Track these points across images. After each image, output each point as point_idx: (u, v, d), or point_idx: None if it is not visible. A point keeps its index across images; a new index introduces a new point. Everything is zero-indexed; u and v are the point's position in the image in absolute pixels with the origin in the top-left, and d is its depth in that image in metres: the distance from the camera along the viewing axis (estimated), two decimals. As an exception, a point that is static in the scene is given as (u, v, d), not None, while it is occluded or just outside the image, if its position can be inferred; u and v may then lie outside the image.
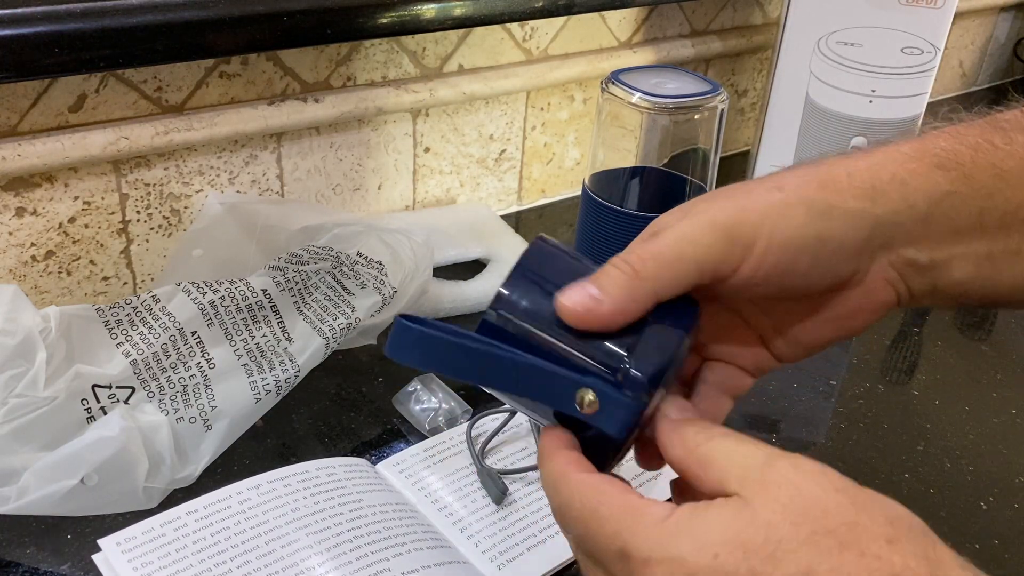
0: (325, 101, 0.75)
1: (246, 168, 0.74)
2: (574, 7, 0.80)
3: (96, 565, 0.49)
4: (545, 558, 0.52)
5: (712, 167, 0.72)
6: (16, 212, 0.65)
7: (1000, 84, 1.46)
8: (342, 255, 0.66)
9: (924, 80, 0.85)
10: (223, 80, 0.70)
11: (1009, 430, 0.67)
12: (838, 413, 0.67)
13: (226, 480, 0.54)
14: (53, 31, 0.57)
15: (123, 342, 0.57)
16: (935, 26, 0.83)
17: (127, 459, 0.52)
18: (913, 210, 0.36)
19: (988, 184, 0.36)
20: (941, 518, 0.58)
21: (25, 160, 0.62)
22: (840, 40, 0.85)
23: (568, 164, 0.96)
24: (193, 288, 0.59)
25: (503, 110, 0.88)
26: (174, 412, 0.56)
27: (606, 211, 0.70)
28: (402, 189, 0.85)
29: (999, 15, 1.37)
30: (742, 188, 0.37)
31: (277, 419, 0.61)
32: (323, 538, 0.50)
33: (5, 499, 0.50)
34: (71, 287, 0.69)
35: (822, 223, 0.35)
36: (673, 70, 0.73)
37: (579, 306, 0.34)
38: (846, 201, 0.35)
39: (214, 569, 0.48)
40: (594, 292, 0.34)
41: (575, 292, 0.34)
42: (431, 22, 0.72)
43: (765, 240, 0.34)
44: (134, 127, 0.66)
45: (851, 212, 0.35)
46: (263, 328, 0.61)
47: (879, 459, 0.63)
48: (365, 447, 0.61)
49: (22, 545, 0.52)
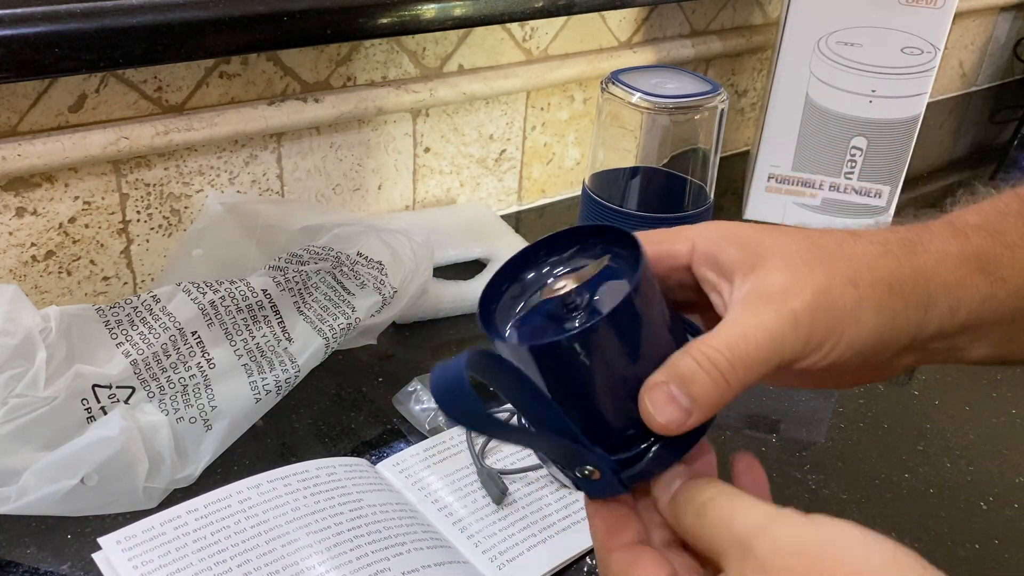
0: (325, 101, 0.75)
1: (246, 168, 0.74)
2: (574, 7, 0.80)
3: (96, 565, 0.49)
4: (545, 558, 0.52)
5: (712, 167, 0.72)
6: (16, 212, 0.65)
7: (1000, 84, 1.46)
8: (342, 255, 0.66)
9: (924, 80, 0.85)
10: (223, 80, 0.70)
11: (1009, 430, 0.67)
12: (838, 413, 0.67)
13: (226, 480, 0.54)
14: (53, 31, 0.57)
15: (123, 342, 0.57)
16: (935, 26, 0.83)
17: (127, 459, 0.52)
18: (955, 317, 0.37)
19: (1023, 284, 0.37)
20: (941, 518, 0.58)
21: (25, 160, 0.62)
22: (840, 40, 0.85)
23: (568, 164, 0.96)
24: (193, 288, 0.59)
25: (503, 110, 0.88)
26: (174, 412, 0.56)
27: (606, 211, 0.70)
28: (402, 189, 0.85)
29: (999, 15, 1.37)
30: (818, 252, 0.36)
31: (277, 419, 0.61)
32: (323, 538, 0.50)
33: (5, 499, 0.50)
34: (71, 287, 0.69)
35: (886, 331, 0.36)
36: (673, 70, 0.73)
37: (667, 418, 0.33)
38: (907, 309, 0.36)
39: (214, 568, 0.48)
40: (684, 403, 0.33)
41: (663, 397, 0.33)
42: (431, 22, 0.72)
43: (835, 342, 0.35)
44: (134, 127, 0.66)
45: (909, 321, 0.36)
46: (263, 328, 0.61)
47: (879, 459, 0.63)
48: (365, 447, 0.61)
49: (22, 545, 0.52)
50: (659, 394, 0.33)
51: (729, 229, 0.37)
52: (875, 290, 0.35)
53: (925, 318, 0.36)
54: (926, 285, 0.36)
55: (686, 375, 0.33)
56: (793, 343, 0.34)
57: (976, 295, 0.37)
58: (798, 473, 0.61)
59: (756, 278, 0.35)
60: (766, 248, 0.36)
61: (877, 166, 0.89)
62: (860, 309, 0.35)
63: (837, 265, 0.35)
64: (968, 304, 0.37)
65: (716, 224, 0.38)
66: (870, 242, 0.37)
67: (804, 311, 0.34)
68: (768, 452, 0.63)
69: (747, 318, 0.34)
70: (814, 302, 0.34)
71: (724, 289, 0.36)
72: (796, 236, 0.36)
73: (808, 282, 0.35)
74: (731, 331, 0.34)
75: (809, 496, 0.59)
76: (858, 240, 0.37)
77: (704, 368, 0.33)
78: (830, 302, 0.34)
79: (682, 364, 0.33)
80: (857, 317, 0.35)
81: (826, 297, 0.35)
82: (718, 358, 0.33)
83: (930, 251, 0.37)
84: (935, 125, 1.28)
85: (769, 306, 0.34)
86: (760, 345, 0.33)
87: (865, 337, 0.35)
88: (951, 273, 0.37)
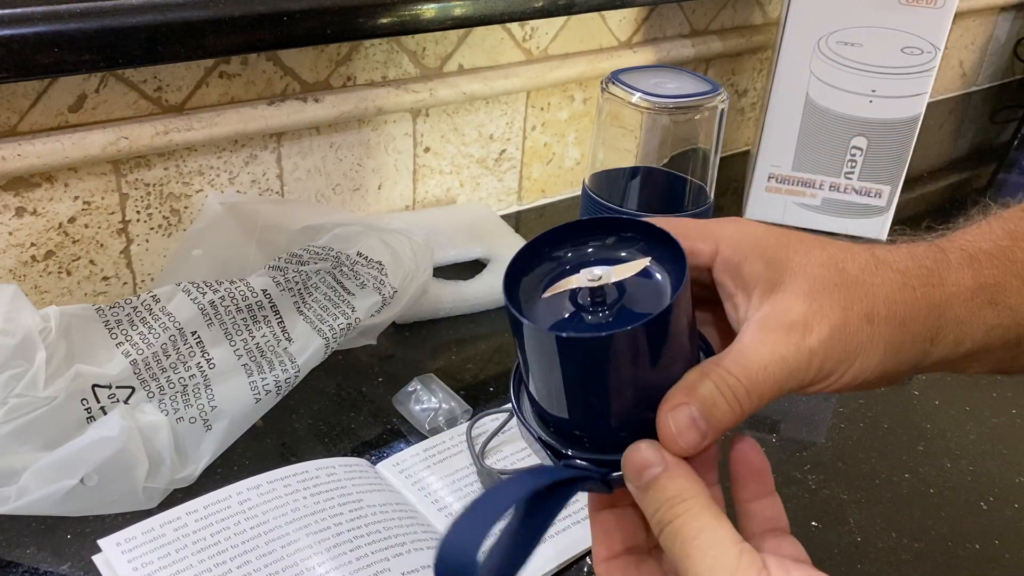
0: (325, 101, 0.75)
1: (246, 168, 0.74)
2: (574, 7, 0.80)
3: (96, 566, 0.49)
4: (546, 557, 0.52)
5: (712, 167, 0.72)
6: (16, 212, 0.65)
7: (1000, 84, 1.46)
8: (342, 255, 0.66)
9: (924, 80, 0.85)
10: (223, 80, 0.70)
11: (1009, 430, 0.67)
12: (838, 413, 0.67)
13: (226, 480, 0.54)
14: (53, 31, 0.57)
15: (123, 342, 0.57)
16: (935, 26, 0.83)
17: (127, 459, 0.52)
18: (959, 347, 0.37)
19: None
20: (941, 518, 0.58)
21: (25, 160, 0.62)
22: (840, 40, 0.85)
23: (568, 164, 0.96)
24: (193, 288, 0.59)
25: (503, 110, 0.88)
26: (174, 412, 0.56)
27: (606, 211, 0.69)
28: (402, 189, 0.85)
29: (999, 15, 1.37)
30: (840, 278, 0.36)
31: (277, 419, 0.61)
32: (323, 538, 0.50)
33: (5, 499, 0.50)
34: (71, 287, 0.69)
35: (891, 362, 0.36)
36: (673, 70, 0.73)
37: (687, 442, 0.33)
38: (915, 342, 0.37)
39: (214, 569, 0.48)
40: (703, 427, 0.33)
41: (686, 420, 0.33)
42: (431, 22, 0.72)
43: (841, 374, 0.36)
44: (134, 127, 0.66)
45: (914, 353, 0.37)
46: (263, 328, 0.61)
47: (879, 459, 0.63)
48: (365, 447, 0.61)
49: (22, 545, 0.52)
50: (682, 417, 0.33)
51: (756, 237, 0.37)
52: (888, 327, 0.36)
53: (930, 349, 0.37)
54: (937, 320, 0.37)
55: (707, 400, 0.33)
56: (803, 377, 0.35)
57: (983, 326, 0.37)
58: (798, 473, 0.61)
59: (776, 302, 0.35)
60: (790, 267, 0.36)
61: (877, 166, 0.89)
62: (871, 344, 0.36)
63: (856, 295, 0.36)
64: (974, 336, 0.37)
65: (744, 227, 0.37)
66: (891, 269, 0.37)
67: (819, 348, 0.35)
68: (768, 452, 0.62)
69: (766, 347, 0.34)
70: (830, 338, 0.35)
71: (741, 302, 0.36)
72: (820, 256, 0.36)
73: (827, 315, 0.35)
74: (750, 359, 0.34)
75: (809, 496, 0.59)
76: (879, 267, 0.37)
77: (724, 395, 0.33)
78: (845, 338, 0.35)
79: (703, 388, 0.34)
80: (867, 353, 0.36)
81: (841, 332, 0.35)
82: (738, 387, 0.34)
83: (947, 283, 0.37)
84: (935, 125, 1.28)
85: (789, 338, 0.34)
86: (777, 379, 0.34)
87: (871, 370, 0.36)
88: (963, 307, 0.37)
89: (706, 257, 0.37)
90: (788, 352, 0.34)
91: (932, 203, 1.05)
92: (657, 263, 0.35)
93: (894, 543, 0.56)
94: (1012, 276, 0.38)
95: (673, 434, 0.33)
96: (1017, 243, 0.39)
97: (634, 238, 0.36)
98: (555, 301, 0.35)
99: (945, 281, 0.37)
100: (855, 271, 0.36)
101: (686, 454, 0.33)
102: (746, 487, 0.37)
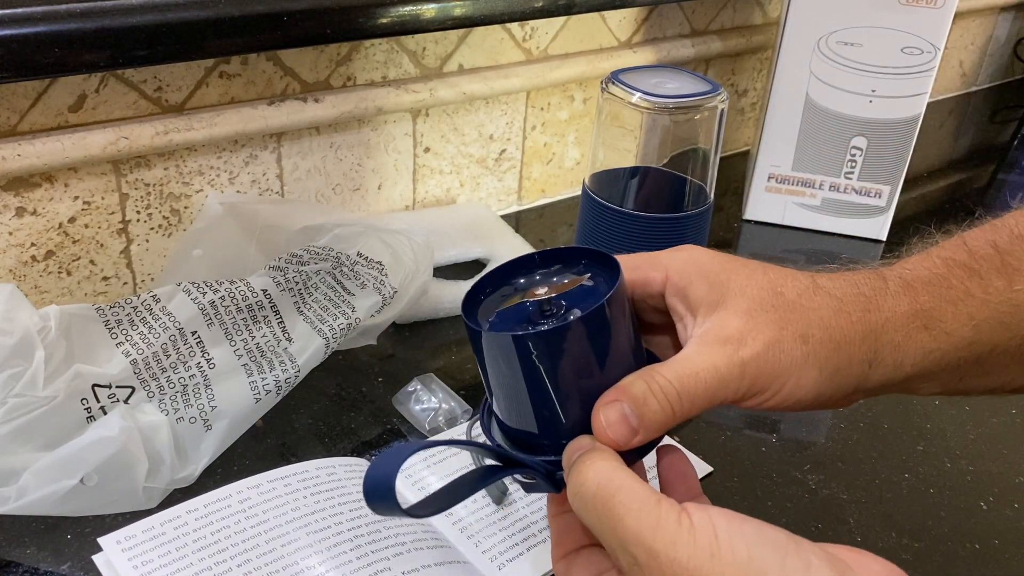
0: (325, 101, 0.75)
1: (246, 168, 0.74)
2: (574, 7, 0.80)
3: (96, 565, 0.49)
4: (545, 558, 0.52)
5: (712, 167, 0.72)
6: (16, 212, 0.65)
7: (1000, 84, 1.46)
8: (342, 255, 0.66)
9: (924, 80, 0.85)
10: (223, 80, 0.70)
11: (1009, 430, 0.67)
12: (838, 413, 0.67)
13: (226, 480, 0.54)
14: (53, 31, 0.57)
15: (123, 342, 0.57)
16: (935, 26, 0.83)
17: (127, 459, 0.52)
18: (899, 370, 0.39)
19: (967, 336, 0.39)
20: (941, 518, 0.58)
21: (25, 160, 0.62)
22: (840, 40, 0.85)
23: (568, 164, 0.96)
24: (193, 288, 0.59)
25: (503, 110, 0.88)
26: (174, 412, 0.56)
27: (606, 211, 0.70)
28: (402, 189, 0.85)
29: (999, 15, 1.37)
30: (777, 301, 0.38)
31: (277, 419, 0.61)
32: (323, 537, 0.50)
33: (5, 499, 0.50)
34: (71, 287, 0.69)
35: (828, 384, 0.38)
36: (673, 70, 0.73)
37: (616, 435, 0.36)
38: (851, 366, 0.38)
39: (214, 568, 0.48)
40: (634, 423, 0.36)
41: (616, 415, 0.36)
42: (431, 22, 0.72)
43: (775, 391, 0.38)
44: (134, 127, 0.66)
45: (852, 375, 0.39)
46: (263, 328, 0.61)
47: (879, 459, 0.63)
48: (365, 447, 0.61)
49: (22, 545, 0.52)
50: (613, 411, 0.36)
51: (700, 262, 0.40)
52: (823, 348, 0.38)
53: (869, 372, 0.39)
54: (873, 343, 0.39)
55: (638, 398, 0.36)
56: (737, 387, 0.37)
57: (920, 350, 0.39)
58: (798, 473, 0.61)
59: (716, 319, 0.38)
60: (730, 289, 0.39)
61: (877, 166, 0.89)
62: (806, 364, 0.38)
63: (792, 317, 0.38)
64: (912, 359, 0.39)
65: (690, 254, 0.40)
66: (828, 295, 0.39)
67: (752, 361, 0.37)
68: (768, 452, 0.63)
69: (701, 357, 0.37)
70: (763, 353, 0.37)
71: (688, 322, 0.39)
72: (761, 280, 0.39)
73: (762, 332, 0.37)
74: (684, 366, 0.37)
75: (809, 496, 0.59)
76: (817, 293, 0.39)
77: (655, 395, 0.36)
78: (777, 355, 0.37)
79: (636, 387, 0.36)
80: (801, 371, 0.38)
81: (775, 348, 0.37)
82: (669, 389, 0.36)
83: (883, 309, 0.39)
84: (935, 125, 1.28)
85: (723, 350, 0.37)
86: (708, 386, 0.36)
87: (806, 390, 0.38)
88: (898, 332, 0.39)
89: (658, 285, 0.40)
90: (720, 362, 0.36)
91: (932, 203, 1.05)
92: (604, 283, 0.38)
93: (894, 543, 0.56)
94: (947, 303, 0.39)
95: (603, 426, 0.36)
96: (952, 271, 0.40)
97: (586, 264, 0.40)
98: (509, 317, 0.39)
99: (881, 307, 0.39)
100: (793, 295, 0.39)
101: (617, 447, 0.36)
102: (675, 490, 0.40)
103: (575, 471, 0.35)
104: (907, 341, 0.39)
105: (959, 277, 0.40)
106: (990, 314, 0.39)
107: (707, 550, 0.31)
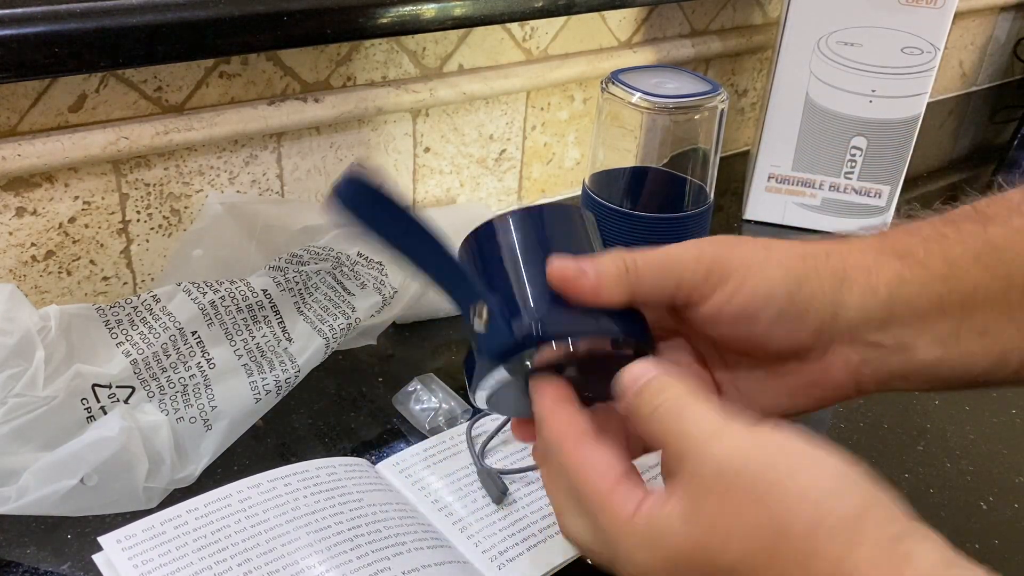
0: (325, 101, 0.75)
1: (246, 168, 0.74)
2: (574, 7, 0.80)
3: (96, 565, 0.49)
4: (545, 558, 0.52)
5: (712, 167, 0.72)
6: (16, 212, 0.65)
7: (1000, 84, 1.46)
8: (342, 255, 0.66)
9: (924, 80, 0.85)
10: (223, 80, 0.70)
11: (1009, 430, 0.67)
12: (838, 413, 0.67)
13: (226, 480, 0.54)
14: (53, 31, 0.57)
15: (123, 342, 0.57)
16: (935, 26, 0.83)
17: (127, 459, 0.52)
18: (876, 296, 0.39)
19: (942, 270, 0.39)
20: (941, 518, 0.58)
21: (25, 160, 0.62)
22: (840, 40, 0.85)
23: (568, 164, 0.96)
24: (193, 288, 0.59)
25: (503, 110, 0.88)
26: (174, 412, 0.56)
27: (606, 211, 0.70)
28: (402, 189, 0.85)
29: (999, 15, 1.37)
30: (737, 239, 0.41)
31: (277, 419, 0.61)
32: (323, 537, 0.50)
33: (5, 499, 0.50)
34: (71, 287, 0.69)
35: (794, 287, 0.39)
36: (673, 70, 0.73)
37: (568, 271, 0.38)
38: (820, 278, 0.39)
39: (214, 567, 0.48)
40: (587, 267, 0.38)
41: (569, 260, 0.38)
42: (431, 22, 0.72)
43: (739, 280, 0.38)
44: (134, 127, 0.66)
45: (821, 290, 0.39)
46: (263, 328, 0.61)
47: (879, 459, 0.63)
48: (365, 447, 0.61)
49: (22, 545, 0.52)
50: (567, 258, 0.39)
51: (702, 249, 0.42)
52: (786, 255, 0.39)
53: (841, 291, 0.39)
54: (841, 261, 0.39)
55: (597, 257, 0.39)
56: (693, 272, 0.39)
57: (894, 276, 0.39)
58: (798, 473, 0.61)
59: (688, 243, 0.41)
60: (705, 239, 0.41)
61: (877, 166, 0.89)
62: (767, 264, 0.39)
63: (759, 243, 0.40)
64: (887, 284, 0.39)
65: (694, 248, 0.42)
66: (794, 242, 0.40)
67: (709, 248, 0.39)
68: (768, 452, 0.63)
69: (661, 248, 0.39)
70: (723, 247, 0.39)
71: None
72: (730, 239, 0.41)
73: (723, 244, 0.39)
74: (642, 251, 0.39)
75: (809, 496, 0.59)
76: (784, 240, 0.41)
77: (611, 256, 0.39)
78: (738, 253, 0.39)
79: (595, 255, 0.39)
80: (763, 267, 0.38)
81: (736, 249, 0.39)
82: (624, 254, 0.39)
83: (851, 240, 0.40)
84: (935, 125, 1.28)
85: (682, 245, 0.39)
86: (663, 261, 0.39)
87: (770, 288, 0.38)
88: (867, 255, 0.39)
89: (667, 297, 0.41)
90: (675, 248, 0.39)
91: (932, 203, 1.05)
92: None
93: (894, 543, 0.56)
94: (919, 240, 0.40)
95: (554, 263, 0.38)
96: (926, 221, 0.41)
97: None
98: None
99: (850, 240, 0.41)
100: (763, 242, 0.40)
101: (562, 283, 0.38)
102: None
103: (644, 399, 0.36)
104: (878, 265, 0.39)
105: (933, 225, 0.41)
106: (963, 251, 0.39)
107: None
